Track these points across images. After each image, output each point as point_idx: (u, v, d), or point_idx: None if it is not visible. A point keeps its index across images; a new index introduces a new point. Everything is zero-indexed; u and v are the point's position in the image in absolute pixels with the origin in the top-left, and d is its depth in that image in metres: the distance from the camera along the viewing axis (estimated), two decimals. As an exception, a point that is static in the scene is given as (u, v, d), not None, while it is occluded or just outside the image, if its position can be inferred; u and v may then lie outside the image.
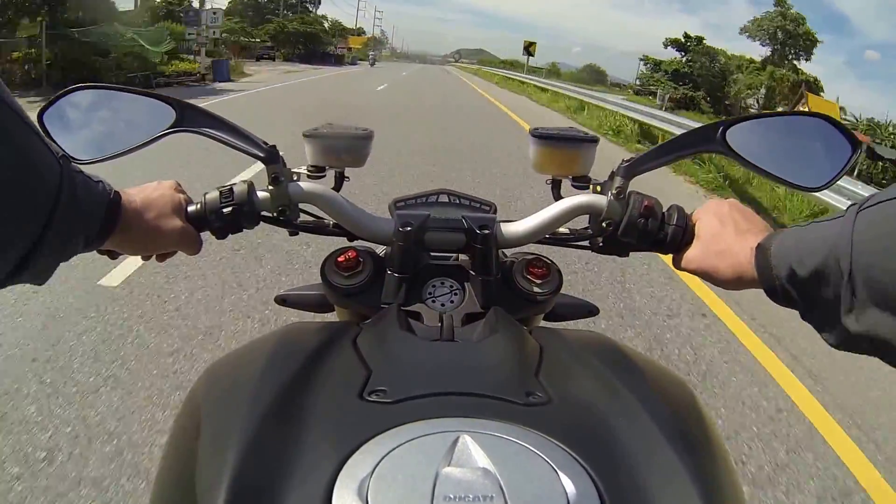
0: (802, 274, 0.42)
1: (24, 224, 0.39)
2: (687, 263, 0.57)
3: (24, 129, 0.37)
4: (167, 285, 2.67)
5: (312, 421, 0.39)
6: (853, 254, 0.37)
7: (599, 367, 0.48)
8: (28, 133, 0.38)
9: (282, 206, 0.62)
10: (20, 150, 0.37)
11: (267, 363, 0.47)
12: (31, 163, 0.38)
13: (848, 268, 0.37)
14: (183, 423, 0.46)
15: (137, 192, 0.55)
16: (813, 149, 0.62)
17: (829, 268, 0.39)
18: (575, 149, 0.67)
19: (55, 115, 0.58)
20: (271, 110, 9.45)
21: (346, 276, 0.61)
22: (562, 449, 0.36)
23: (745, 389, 2.28)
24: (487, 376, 0.45)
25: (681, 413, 0.45)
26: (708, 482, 0.37)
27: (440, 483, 0.32)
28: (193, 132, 0.60)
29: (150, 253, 0.58)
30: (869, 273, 0.36)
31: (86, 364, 2.03)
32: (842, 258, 0.38)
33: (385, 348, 0.50)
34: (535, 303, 0.62)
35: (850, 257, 0.37)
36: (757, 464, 1.85)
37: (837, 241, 0.38)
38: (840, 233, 0.39)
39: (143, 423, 1.75)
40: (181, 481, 0.39)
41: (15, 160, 0.37)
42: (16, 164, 0.37)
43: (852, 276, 0.37)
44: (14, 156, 0.36)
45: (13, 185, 0.37)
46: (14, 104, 0.37)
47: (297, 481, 0.34)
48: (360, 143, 0.66)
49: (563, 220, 0.64)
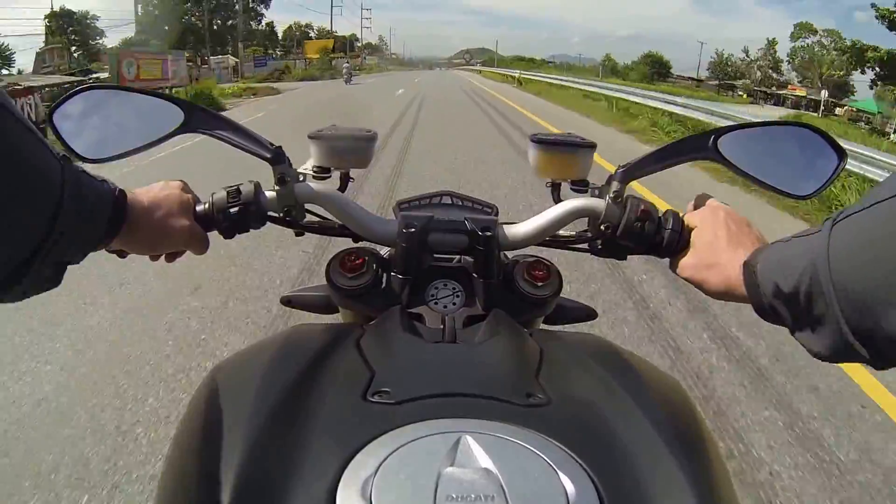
0: (786, 291, 0.42)
1: (27, 226, 0.39)
2: (681, 271, 0.58)
3: (22, 132, 0.38)
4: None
5: (316, 421, 0.40)
6: (830, 268, 0.38)
7: (598, 369, 0.49)
8: (26, 135, 0.38)
9: (288, 206, 0.63)
10: (18, 152, 0.37)
11: (272, 364, 0.48)
12: (31, 165, 0.38)
13: (828, 282, 0.38)
14: (189, 422, 0.46)
15: (145, 191, 0.55)
16: (802, 157, 0.64)
17: (810, 283, 0.40)
18: (573, 153, 0.68)
19: (65, 114, 0.59)
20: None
21: (351, 278, 0.62)
22: (561, 449, 0.37)
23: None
24: (489, 378, 0.46)
25: (675, 413, 0.46)
26: (701, 479, 0.38)
27: (442, 483, 0.33)
28: (201, 133, 0.61)
29: (159, 252, 0.58)
30: (846, 286, 0.37)
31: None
32: (821, 273, 0.38)
33: (388, 350, 0.51)
34: (535, 305, 0.63)
35: (829, 272, 0.38)
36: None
37: (816, 256, 0.39)
38: (818, 247, 0.39)
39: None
40: (187, 480, 0.40)
41: (13, 163, 0.37)
42: (14, 167, 0.37)
43: (833, 289, 0.38)
44: (12, 159, 0.37)
45: (13, 188, 0.37)
46: (11, 107, 0.37)
47: (302, 481, 0.34)
48: (364, 145, 0.67)
49: (562, 223, 0.65)
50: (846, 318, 0.37)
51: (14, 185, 0.37)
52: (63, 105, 0.59)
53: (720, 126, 0.64)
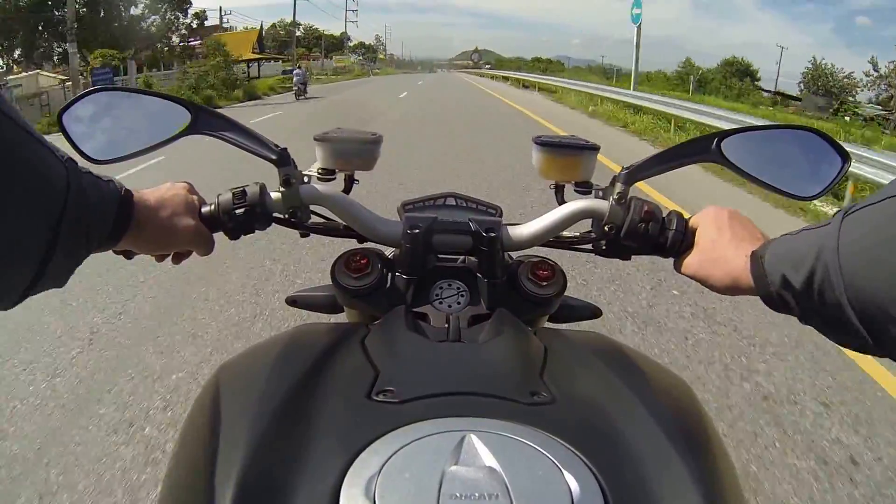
0: (795, 281, 0.42)
1: (36, 230, 0.39)
2: (685, 269, 0.58)
3: (25, 137, 0.38)
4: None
5: (321, 420, 0.40)
6: (840, 261, 0.38)
7: (602, 368, 0.49)
8: (28, 139, 0.38)
9: (293, 207, 0.63)
10: (22, 157, 0.37)
11: (277, 363, 0.48)
12: (35, 169, 0.38)
13: (837, 272, 0.38)
14: (194, 421, 0.47)
15: (151, 192, 0.56)
16: (805, 160, 0.64)
17: (819, 275, 0.40)
18: (577, 156, 0.68)
19: (74, 116, 0.59)
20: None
21: (356, 278, 0.62)
22: (566, 448, 0.37)
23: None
24: (493, 376, 0.46)
25: (681, 412, 0.46)
26: (708, 479, 0.38)
27: (446, 482, 0.33)
28: (207, 134, 0.61)
29: (165, 252, 0.59)
30: (855, 277, 0.37)
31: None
32: (830, 265, 0.39)
33: (393, 349, 0.51)
34: (539, 304, 0.64)
35: (838, 264, 0.38)
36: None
37: (825, 248, 0.39)
38: (827, 240, 0.39)
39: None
40: (191, 478, 0.40)
41: (18, 168, 0.37)
42: (19, 172, 0.37)
43: (842, 280, 0.38)
44: (16, 164, 0.37)
45: (19, 193, 0.37)
46: (13, 113, 0.37)
47: (306, 480, 0.35)
48: (369, 148, 0.67)
49: (566, 224, 0.65)
50: (854, 309, 0.38)
51: (16, 191, 0.37)
52: (72, 107, 0.59)
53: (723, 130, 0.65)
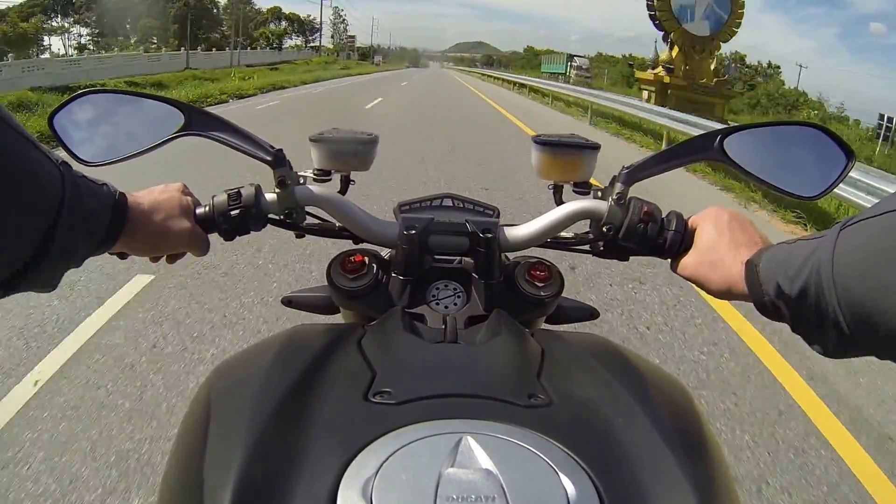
0: (789, 290, 0.43)
1: (28, 233, 0.39)
2: (682, 269, 0.58)
3: (20, 141, 0.38)
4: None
5: (318, 422, 0.40)
6: (834, 273, 0.38)
7: (600, 370, 0.49)
8: (24, 144, 0.38)
9: (288, 208, 0.63)
10: (15, 163, 0.37)
11: (273, 364, 0.48)
12: (28, 175, 0.38)
13: (830, 283, 0.38)
14: (190, 422, 0.46)
15: (145, 194, 0.55)
16: (809, 158, 0.63)
17: (813, 285, 0.40)
18: (577, 155, 0.67)
19: (65, 119, 0.59)
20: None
21: (352, 279, 0.62)
22: (562, 450, 0.37)
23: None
24: (490, 378, 0.46)
25: (678, 415, 0.46)
26: (704, 482, 0.38)
27: (443, 484, 0.33)
28: (201, 136, 0.60)
29: (160, 254, 0.58)
30: (849, 289, 0.37)
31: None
32: (824, 277, 0.39)
33: (389, 350, 0.50)
34: (537, 305, 0.63)
35: (832, 276, 0.38)
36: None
37: (820, 259, 0.40)
38: (823, 251, 0.40)
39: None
40: (188, 480, 0.39)
41: (9, 174, 0.37)
42: (11, 179, 0.37)
43: (835, 291, 0.38)
44: (8, 170, 0.37)
45: (14, 196, 0.37)
46: (7, 118, 0.37)
47: (303, 481, 0.34)
48: (365, 148, 0.67)
49: (564, 225, 0.65)
50: (846, 320, 0.38)
51: (11, 196, 0.37)
52: (62, 110, 0.59)
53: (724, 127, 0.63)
